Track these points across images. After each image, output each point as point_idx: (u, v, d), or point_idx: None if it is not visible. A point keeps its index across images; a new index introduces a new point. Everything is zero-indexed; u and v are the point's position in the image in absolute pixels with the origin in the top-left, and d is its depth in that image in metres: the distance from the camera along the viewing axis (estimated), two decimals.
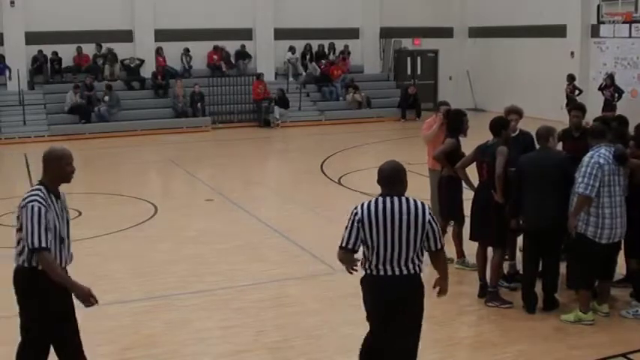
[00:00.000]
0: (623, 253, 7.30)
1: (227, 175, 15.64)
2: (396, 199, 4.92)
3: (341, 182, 14.05)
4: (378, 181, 5.03)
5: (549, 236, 7.09)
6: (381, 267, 4.94)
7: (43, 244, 4.98)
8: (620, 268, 7.57)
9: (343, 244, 4.97)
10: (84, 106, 20.94)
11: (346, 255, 5.01)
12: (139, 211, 11.83)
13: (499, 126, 7.59)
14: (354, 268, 5.13)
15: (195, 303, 7.75)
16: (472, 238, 7.77)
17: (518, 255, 8.02)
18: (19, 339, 5.23)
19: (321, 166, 15.72)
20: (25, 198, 5.09)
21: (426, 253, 5.08)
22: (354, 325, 7.07)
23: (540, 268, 7.32)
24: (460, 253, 8.57)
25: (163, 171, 16.61)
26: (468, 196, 8.37)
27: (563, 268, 7.40)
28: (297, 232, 10.37)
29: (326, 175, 14.83)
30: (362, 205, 4.98)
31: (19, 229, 5.09)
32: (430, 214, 4.96)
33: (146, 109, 22.16)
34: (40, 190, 5.12)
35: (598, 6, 21.50)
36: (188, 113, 22.02)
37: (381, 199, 4.95)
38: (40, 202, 5.03)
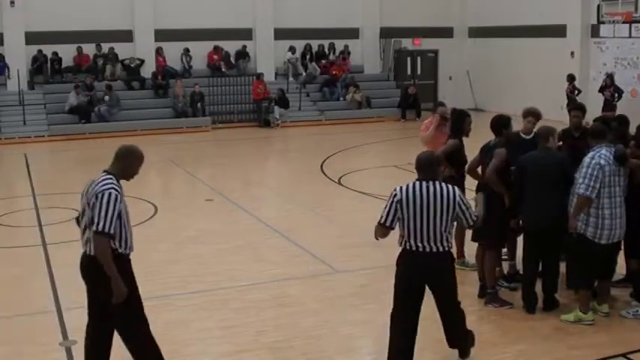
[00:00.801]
0: (623, 253, 7.30)
1: (227, 175, 15.63)
2: (430, 183, 5.59)
3: (341, 182, 14.05)
4: (416, 168, 5.72)
5: (549, 236, 7.08)
6: (419, 244, 5.54)
7: (107, 230, 5.06)
8: (620, 268, 7.56)
9: (382, 221, 5.61)
10: (84, 106, 20.94)
11: (382, 230, 5.66)
12: (139, 211, 11.78)
13: (500, 125, 7.55)
14: (378, 239, 5.73)
15: (195, 303, 7.75)
16: (474, 238, 7.74)
17: (519, 255, 8.00)
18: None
19: (321, 166, 15.72)
20: (102, 184, 5.18)
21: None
22: (354, 325, 7.11)
23: (540, 268, 7.32)
24: (460, 253, 8.56)
25: (163, 171, 16.58)
26: (468, 196, 8.35)
27: (563, 268, 7.40)
28: (297, 232, 10.35)
29: (326, 175, 14.83)
30: (400, 187, 5.63)
31: (90, 216, 5.14)
32: (460, 195, 5.60)
33: (146, 109, 22.14)
34: (113, 178, 5.27)
35: (598, 6, 21.48)
36: (188, 113, 22.01)
37: (417, 182, 5.62)
38: (116, 190, 5.17)
